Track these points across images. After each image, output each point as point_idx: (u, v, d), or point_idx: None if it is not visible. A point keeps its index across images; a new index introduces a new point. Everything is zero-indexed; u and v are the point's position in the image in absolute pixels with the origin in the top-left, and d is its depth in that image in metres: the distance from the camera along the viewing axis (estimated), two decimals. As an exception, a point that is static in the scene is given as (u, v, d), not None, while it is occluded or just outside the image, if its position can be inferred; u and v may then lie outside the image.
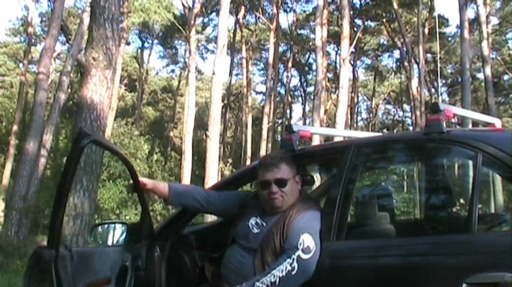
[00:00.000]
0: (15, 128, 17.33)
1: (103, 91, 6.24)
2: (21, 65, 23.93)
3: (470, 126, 2.64)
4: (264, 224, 2.24)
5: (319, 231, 2.05)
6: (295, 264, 1.98)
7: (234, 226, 2.34)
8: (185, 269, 2.41)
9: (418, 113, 21.28)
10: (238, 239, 2.29)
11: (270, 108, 26.07)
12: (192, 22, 20.69)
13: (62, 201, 1.88)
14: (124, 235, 2.36)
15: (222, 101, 17.50)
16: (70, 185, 1.94)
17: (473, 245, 1.76)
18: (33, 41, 23.00)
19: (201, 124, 28.02)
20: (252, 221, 2.28)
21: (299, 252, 2.00)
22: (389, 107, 37.28)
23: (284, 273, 1.98)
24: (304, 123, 30.35)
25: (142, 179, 2.40)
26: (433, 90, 28.86)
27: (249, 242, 2.21)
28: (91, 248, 2.48)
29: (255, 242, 2.20)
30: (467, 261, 1.69)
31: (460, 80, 19.61)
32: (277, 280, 1.98)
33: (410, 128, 29.60)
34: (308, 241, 2.01)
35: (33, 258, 1.88)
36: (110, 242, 2.35)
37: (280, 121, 33.84)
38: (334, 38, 23.79)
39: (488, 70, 16.68)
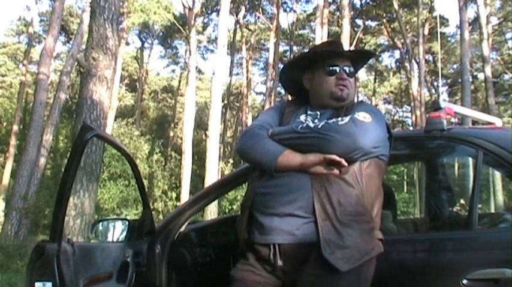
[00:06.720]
0: (15, 128, 17.33)
1: (103, 91, 6.27)
2: (21, 65, 23.91)
3: (470, 125, 2.64)
4: (319, 113, 1.83)
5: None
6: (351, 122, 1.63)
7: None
8: (186, 267, 2.41)
9: (418, 113, 21.28)
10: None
11: (270, 108, 26.02)
12: (192, 22, 20.66)
13: (65, 195, 1.89)
14: (125, 231, 2.36)
15: (222, 101, 17.47)
16: (73, 179, 1.95)
17: (474, 241, 1.76)
18: (33, 41, 23.00)
19: (201, 124, 28.00)
20: (302, 116, 1.84)
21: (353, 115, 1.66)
22: (389, 107, 37.28)
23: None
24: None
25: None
26: (433, 90, 28.87)
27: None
28: (93, 243, 2.49)
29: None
30: (468, 257, 1.70)
31: (460, 80, 19.59)
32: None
33: (411, 128, 29.56)
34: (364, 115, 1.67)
35: (36, 252, 1.88)
36: (111, 239, 2.35)
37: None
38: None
39: (488, 70, 16.70)
